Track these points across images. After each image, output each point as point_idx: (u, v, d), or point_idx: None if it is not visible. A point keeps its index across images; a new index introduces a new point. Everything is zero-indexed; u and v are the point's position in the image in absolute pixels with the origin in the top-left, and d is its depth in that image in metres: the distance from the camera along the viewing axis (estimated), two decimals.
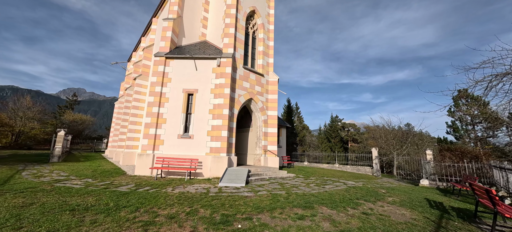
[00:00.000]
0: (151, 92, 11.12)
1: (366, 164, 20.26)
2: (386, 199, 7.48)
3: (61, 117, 43.29)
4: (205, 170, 10.29)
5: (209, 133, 10.75)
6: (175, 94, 11.18)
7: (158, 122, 10.87)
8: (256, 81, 13.18)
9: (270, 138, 13.32)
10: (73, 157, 19.22)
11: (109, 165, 13.88)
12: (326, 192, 7.64)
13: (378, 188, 9.79)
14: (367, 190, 8.69)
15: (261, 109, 13.24)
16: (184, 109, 11.03)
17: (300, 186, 8.67)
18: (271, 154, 13.04)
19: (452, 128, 17.82)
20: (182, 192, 6.85)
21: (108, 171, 11.05)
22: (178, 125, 10.84)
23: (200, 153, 10.55)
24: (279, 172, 11.39)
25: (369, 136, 36.66)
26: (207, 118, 10.91)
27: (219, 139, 10.60)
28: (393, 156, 24.19)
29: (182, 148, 10.60)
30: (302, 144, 39.75)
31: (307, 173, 13.91)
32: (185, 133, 10.93)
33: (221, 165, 10.18)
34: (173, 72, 11.45)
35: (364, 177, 15.90)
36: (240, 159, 14.50)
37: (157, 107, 10.92)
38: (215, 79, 11.33)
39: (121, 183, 8.22)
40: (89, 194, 6.24)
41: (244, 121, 14.87)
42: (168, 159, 10.13)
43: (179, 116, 10.94)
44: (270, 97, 13.80)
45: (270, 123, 13.48)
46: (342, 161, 22.95)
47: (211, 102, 11.07)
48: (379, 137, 30.36)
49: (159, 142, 10.69)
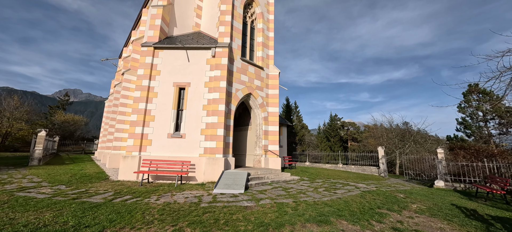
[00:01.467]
0: (137, 87, 9.87)
1: (370, 164, 19.27)
2: (411, 206, 6.35)
3: (51, 117, 41.64)
4: (199, 174, 9.09)
5: (203, 132, 9.54)
6: (165, 88, 9.95)
7: (146, 119, 9.63)
8: (255, 75, 11.99)
9: (271, 137, 12.15)
10: (58, 159, 17.86)
11: (93, 168, 12.59)
12: (339, 200, 6.48)
13: (393, 191, 8.67)
14: (384, 195, 7.55)
15: (261, 106, 12.06)
16: (175, 105, 9.80)
17: (307, 192, 7.51)
18: (272, 155, 11.87)
19: (464, 125, 16.81)
20: (168, 203, 5.63)
21: (89, 175, 9.78)
22: (168, 123, 9.62)
23: (193, 154, 9.33)
24: (281, 174, 10.22)
25: (369, 134, 35.82)
26: (201, 115, 9.70)
27: (215, 138, 9.39)
28: (396, 155, 23.24)
29: (173, 149, 9.38)
30: (301, 143, 38.88)
31: (311, 174, 12.78)
32: (176, 131, 9.71)
33: (217, 167, 8.98)
34: (163, 64, 10.22)
35: (372, 178, 14.86)
36: (238, 160, 13.30)
37: (144, 103, 9.68)
38: (210, 71, 10.12)
39: (97, 190, 6.98)
40: (50, 207, 5.00)
41: (243, 119, 13.68)
42: (156, 162, 8.91)
43: (169, 113, 9.71)
44: (271, 93, 12.63)
45: (271, 121, 12.30)
46: (345, 160, 21.89)
47: (205, 97, 9.86)
48: (381, 136, 29.43)
49: (147, 142, 9.45)
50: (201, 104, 9.78)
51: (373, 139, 30.64)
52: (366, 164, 19.65)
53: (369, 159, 19.73)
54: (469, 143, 14.96)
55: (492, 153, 13.26)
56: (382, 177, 16.11)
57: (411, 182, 14.54)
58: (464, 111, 16.30)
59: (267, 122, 12.21)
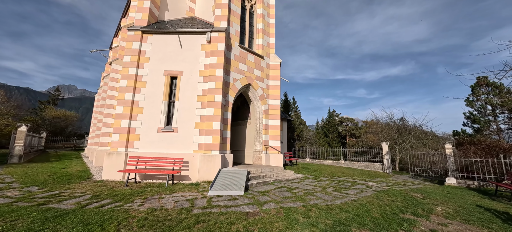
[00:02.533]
0: (123, 76, 8.81)
1: (372, 160, 18.60)
2: (435, 209, 5.53)
3: (41, 112, 40.08)
4: (193, 172, 8.14)
5: (198, 125, 8.57)
6: (155, 77, 8.91)
7: (133, 112, 8.60)
8: (255, 64, 10.99)
9: (272, 132, 11.23)
10: (44, 156, 16.71)
11: (78, 166, 11.56)
12: (355, 202, 5.61)
13: (408, 191, 7.86)
14: (401, 196, 6.72)
15: (261, 98, 11.10)
16: (165, 96, 8.78)
17: (316, 193, 6.63)
18: (274, 151, 10.97)
19: (471, 119, 16.11)
20: (153, 210, 4.68)
21: (69, 174, 8.76)
22: (158, 116, 8.61)
23: (186, 150, 8.37)
24: (284, 172, 9.35)
25: (368, 130, 35.28)
26: (195, 107, 8.70)
27: (210, 132, 8.43)
28: (396, 151, 22.62)
29: (163, 145, 8.40)
30: (299, 139, 38.38)
31: (314, 172, 11.95)
32: (167, 125, 8.72)
33: (213, 165, 8.04)
34: (152, 51, 9.15)
35: (376, 174, 14.16)
36: (236, 157, 12.39)
37: (131, 94, 8.64)
38: (205, 58, 9.10)
39: (73, 193, 5.99)
40: (3, 216, 4.01)
41: (241, 112, 12.72)
42: (145, 159, 7.93)
43: (160, 105, 8.69)
44: (272, 84, 11.66)
45: (271, 114, 11.36)
46: (346, 156, 21.18)
47: (200, 87, 8.86)
48: (381, 131, 28.82)
49: (134, 137, 8.44)
50: (195, 95, 8.78)
51: (372, 135, 30.10)
52: (368, 160, 18.96)
53: (368, 154, 19.06)
54: (478, 137, 14.28)
55: (504, 147, 12.59)
56: (387, 174, 15.41)
57: (418, 179, 13.86)
58: (473, 105, 15.59)
59: (268, 116, 11.28)
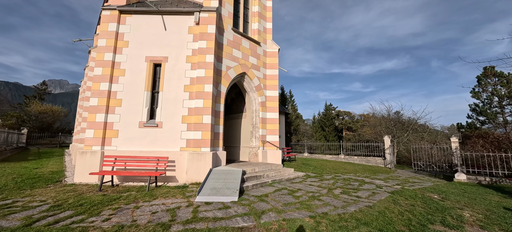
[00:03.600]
0: (98, 62, 7.60)
1: (371, 154, 17.98)
2: (464, 216, 4.66)
3: (26, 107, 38.12)
4: (180, 173, 7.11)
5: (185, 119, 7.49)
6: (135, 64, 7.74)
7: (110, 104, 7.45)
8: (251, 51, 9.88)
9: (270, 126, 10.23)
10: (22, 155, 15.39)
11: (55, 165, 10.37)
12: (370, 209, 4.70)
13: (423, 191, 7.03)
14: (418, 199, 5.86)
15: (258, 89, 10.04)
16: (148, 86, 7.64)
17: (322, 196, 5.70)
18: (271, 146, 10.00)
19: (476, 111, 15.43)
20: (121, 227, 3.65)
21: (38, 177, 7.61)
22: (140, 108, 7.49)
23: (172, 147, 7.31)
24: (283, 170, 8.41)
25: (364, 123, 34.83)
26: (182, 98, 7.60)
27: (200, 127, 7.38)
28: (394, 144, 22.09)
29: (146, 142, 7.31)
30: (296, 133, 37.88)
31: (315, 168, 11.08)
32: (150, 119, 7.61)
33: (203, 164, 7.02)
34: (132, 33, 7.93)
35: (379, 170, 13.49)
36: (231, 154, 11.40)
37: (107, 84, 7.46)
38: (193, 42, 7.95)
39: (30, 202, 4.91)
40: None
41: (236, 105, 11.66)
42: (124, 158, 6.86)
43: (141, 96, 7.56)
44: (269, 73, 10.59)
45: (269, 106, 10.34)
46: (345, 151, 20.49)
47: (188, 76, 7.74)
48: (378, 124, 28.29)
49: (111, 134, 7.33)
50: (182, 84, 7.67)
51: (369, 128, 29.63)
52: (366, 154, 18.31)
53: (366, 148, 18.44)
54: (486, 130, 13.63)
55: None
56: (389, 169, 14.72)
57: (422, 174, 13.24)
58: (479, 97, 14.88)
59: (265, 108, 10.25)
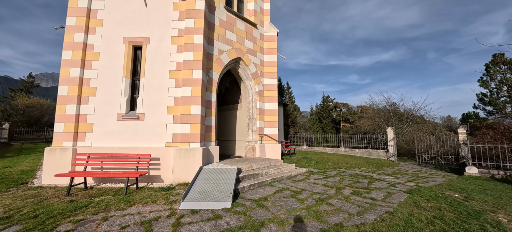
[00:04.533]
0: (67, 45, 6.48)
1: (369, 146, 17.41)
2: (503, 221, 3.88)
3: (12, 101, 36.36)
4: (165, 172, 6.18)
5: (171, 110, 6.50)
6: (111, 47, 6.64)
7: (82, 93, 6.40)
8: (246, 34, 8.81)
9: (268, 117, 9.31)
10: (0, 151, 14.24)
11: (30, 164, 9.33)
12: (392, 217, 3.86)
13: (440, 188, 6.26)
14: (441, 200, 5.07)
15: (254, 76, 9.04)
16: (127, 72, 6.58)
17: (330, 198, 4.85)
18: (270, 140, 9.12)
19: (484, 101, 14.72)
20: None
21: (3, 178, 6.60)
22: (118, 98, 6.45)
23: (157, 143, 6.35)
24: (284, 166, 7.55)
25: (362, 115, 34.38)
26: (167, 85, 6.58)
27: (188, 119, 6.40)
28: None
29: (126, 137, 6.32)
30: (293, 125, 37.42)
31: (317, 163, 10.29)
32: (130, 111, 6.60)
33: (192, 161, 6.10)
34: (107, 10, 6.79)
35: (383, 163, 12.83)
36: (225, 148, 10.49)
37: (78, 69, 6.38)
38: (179, 21, 6.85)
39: None
40: None
41: (231, 94, 10.67)
42: (100, 156, 5.89)
43: (119, 83, 6.51)
44: (267, 59, 9.57)
45: (267, 96, 9.38)
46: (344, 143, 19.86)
47: (173, 60, 6.69)
48: (377, 116, 27.76)
49: (85, 127, 6.31)
50: (167, 70, 6.63)
51: (367, 120, 29.18)
52: (363, 146, 17.69)
53: (364, 140, 17.85)
54: (495, 121, 12.96)
55: None
56: (392, 162, 14.07)
57: (427, 167, 12.61)
58: (487, 86, 14.15)
59: (263, 98, 9.29)
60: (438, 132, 23.71)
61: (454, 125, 30.87)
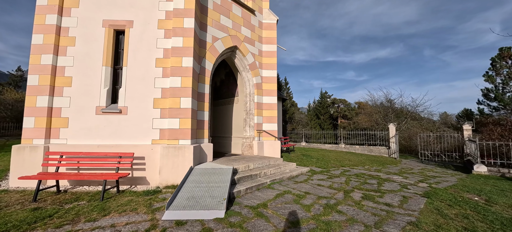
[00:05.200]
0: (37, 28, 5.65)
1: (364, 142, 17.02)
2: None
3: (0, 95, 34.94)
4: (151, 173, 5.47)
5: (158, 103, 5.75)
6: (89, 30, 5.83)
7: (55, 83, 5.61)
8: (243, 20, 8.05)
9: (267, 112, 8.62)
10: None
11: (5, 163, 8.52)
12: (417, 229, 3.25)
13: (457, 190, 5.69)
14: (463, 204, 4.49)
15: (252, 67, 8.31)
16: (107, 59, 5.79)
17: (340, 204, 4.22)
18: (269, 137, 8.45)
19: (489, 97, 14.26)
20: None
21: None
22: (97, 90, 5.68)
23: (141, 140, 5.62)
24: (284, 165, 6.90)
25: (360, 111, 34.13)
26: (153, 75, 5.82)
27: (177, 113, 5.68)
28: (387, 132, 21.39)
29: (106, 133, 5.58)
30: (291, 121, 37.05)
31: (318, 160, 9.70)
32: (111, 104, 5.84)
33: (181, 161, 5.39)
34: None
35: (386, 161, 12.35)
36: (220, 145, 9.81)
37: (50, 56, 5.57)
38: (167, 2, 6.05)
39: None
40: None
41: (226, 87, 9.93)
42: (75, 156, 5.15)
43: (98, 72, 5.73)
44: (266, 49, 8.83)
45: (266, 89, 8.67)
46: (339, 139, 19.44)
47: (161, 46, 5.92)
48: (376, 112, 27.42)
49: (60, 122, 5.54)
50: (153, 57, 5.85)
51: (365, 116, 28.87)
52: (363, 143, 17.26)
53: (363, 136, 17.46)
54: (501, 117, 12.52)
55: None
56: (395, 159, 13.58)
57: (431, 164, 12.16)
58: (493, 80, 13.67)
59: (261, 91, 8.58)
60: (436, 129, 23.44)
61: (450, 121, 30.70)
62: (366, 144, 17.02)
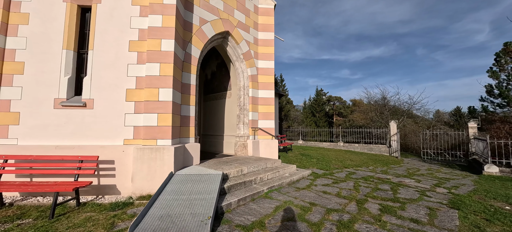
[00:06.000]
0: None
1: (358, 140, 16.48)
2: None
3: None
4: (123, 179, 4.49)
5: (132, 95, 4.75)
6: (46, 6, 4.75)
7: (3, 70, 4.53)
8: (237, 3, 7.06)
9: (263, 108, 7.71)
10: None
11: None
12: None
13: (483, 198, 4.94)
14: (497, 215, 3.72)
15: (247, 57, 7.36)
16: (69, 41, 4.74)
17: (356, 221, 3.36)
18: (265, 135, 7.55)
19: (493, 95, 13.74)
20: None
21: None
22: (55, 78, 4.63)
23: (111, 140, 4.62)
24: (282, 168, 6.02)
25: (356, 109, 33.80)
26: (126, 60, 4.80)
27: (155, 107, 4.69)
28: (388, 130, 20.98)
29: (67, 131, 4.55)
30: (287, 118, 36.47)
31: (319, 161, 8.90)
32: (74, 96, 4.80)
33: (159, 165, 4.43)
34: None
35: (388, 160, 11.75)
36: (211, 144, 8.86)
37: None
38: None
39: None
40: None
41: (218, 81, 8.96)
42: (25, 160, 4.12)
43: (58, 57, 4.67)
44: (262, 37, 7.88)
45: (262, 82, 7.75)
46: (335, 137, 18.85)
47: (135, 26, 4.90)
48: (372, 110, 27.03)
49: (8, 118, 4.48)
50: (126, 39, 4.83)
51: (360, 114, 28.50)
52: (361, 140, 16.68)
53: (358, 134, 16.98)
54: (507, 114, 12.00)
55: None
56: (396, 158, 12.93)
57: (434, 164, 11.59)
58: (497, 76, 13.15)
59: (256, 84, 7.65)
60: (432, 126, 23.14)
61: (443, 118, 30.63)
62: (362, 142, 16.46)
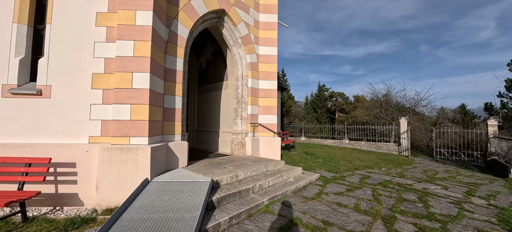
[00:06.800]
0: None
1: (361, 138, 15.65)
2: None
3: None
4: (86, 186, 3.58)
5: (100, 81, 3.80)
6: None
7: None
8: None
9: (264, 101, 6.74)
10: None
11: None
12: None
13: None
14: None
15: (245, 41, 6.36)
16: (22, 14, 3.77)
17: None
18: (266, 132, 6.61)
19: None
20: None
21: None
22: (3, 60, 3.68)
23: (73, 137, 3.69)
24: (286, 171, 5.09)
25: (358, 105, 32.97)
26: (92, 37, 3.83)
27: (128, 96, 3.74)
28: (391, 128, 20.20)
29: (18, 126, 3.62)
30: (288, 114, 35.79)
31: (325, 161, 7.99)
32: (28, 82, 3.86)
33: (131, 169, 3.50)
34: None
35: (400, 160, 10.98)
36: (204, 142, 7.94)
37: None
38: None
39: None
40: None
41: (213, 70, 7.97)
42: None
43: (7, 33, 3.71)
44: (263, 19, 6.85)
45: (263, 71, 6.76)
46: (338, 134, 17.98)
47: None
48: (375, 106, 26.10)
49: None
50: (93, 10, 3.85)
51: (363, 110, 27.64)
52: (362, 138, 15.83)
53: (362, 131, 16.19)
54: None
55: None
56: (406, 158, 11.99)
57: (448, 164, 10.70)
58: None
59: (257, 73, 6.66)
60: (439, 124, 22.17)
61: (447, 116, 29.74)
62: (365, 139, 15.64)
